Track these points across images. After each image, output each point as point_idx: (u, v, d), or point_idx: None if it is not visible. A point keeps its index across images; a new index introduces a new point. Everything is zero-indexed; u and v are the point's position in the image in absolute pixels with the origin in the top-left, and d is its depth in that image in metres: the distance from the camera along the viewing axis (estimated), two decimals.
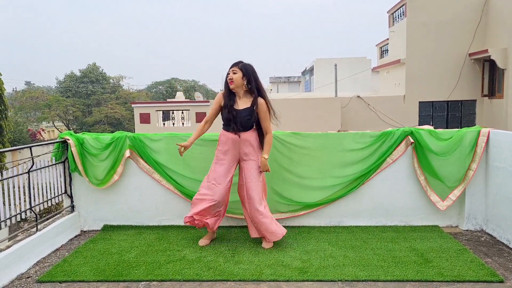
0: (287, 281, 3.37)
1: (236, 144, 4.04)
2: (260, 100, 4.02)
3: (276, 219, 4.60)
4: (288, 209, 4.63)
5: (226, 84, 4.06)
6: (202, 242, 4.20)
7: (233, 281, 3.40)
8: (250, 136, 4.06)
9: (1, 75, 18.16)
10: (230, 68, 4.04)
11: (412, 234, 4.36)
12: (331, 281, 3.36)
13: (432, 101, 17.75)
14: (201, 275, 3.49)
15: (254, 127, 4.11)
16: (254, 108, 4.01)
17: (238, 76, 3.98)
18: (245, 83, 4.00)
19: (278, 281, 3.37)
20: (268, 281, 3.38)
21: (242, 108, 4.01)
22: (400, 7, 18.81)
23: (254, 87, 4.01)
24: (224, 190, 4.04)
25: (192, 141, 4.17)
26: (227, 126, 4.07)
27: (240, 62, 4.05)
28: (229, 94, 4.06)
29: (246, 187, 4.06)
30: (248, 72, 4.01)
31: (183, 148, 4.10)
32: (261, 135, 4.15)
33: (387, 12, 20.72)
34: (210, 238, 4.25)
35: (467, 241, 4.17)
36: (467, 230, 4.49)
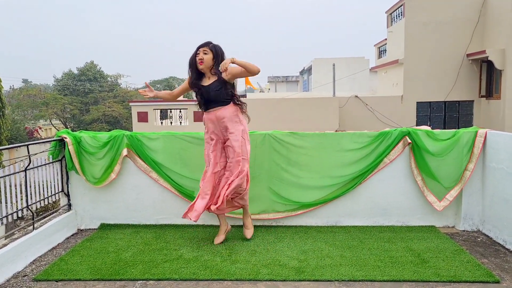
0: (284, 280, 3.37)
1: (216, 123, 4.03)
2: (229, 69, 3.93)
3: (273, 218, 4.63)
4: (285, 209, 4.63)
5: (194, 64, 3.98)
6: (218, 239, 4.21)
7: (230, 280, 3.40)
8: (227, 111, 4.00)
9: None
10: (200, 47, 3.96)
11: (409, 234, 4.37)
12: (328, 281, 3.37)
13: (430, 102, 17.78)
14: (198, 274, 3.49)
15: (230, 103, 4.03)
16: (222, 77, 3.95)
17: (208, 57, 3.94)
18: (214, 65, 3.96)
19: (275, 280, 3.37)
20: (265, 280, 3.38)
21: (210, 83, 3.99)
22: (399, 7, 18.82)
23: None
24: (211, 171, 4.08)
25: (157, 92, 4.27)
26: (204, 107, 4.08)
27: (210, 42, 4.00)
28: (196, 75, 4.02)
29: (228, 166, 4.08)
30: (218, 53, 3.97)
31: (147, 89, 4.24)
32: (239, 110, 4.09)
33: (386, 12, 20.74)
34: (224, 232, 4.26)
35: (464, 242, 4.18)
36: (464, 231, 4.50)
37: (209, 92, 3.97)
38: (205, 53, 3.94)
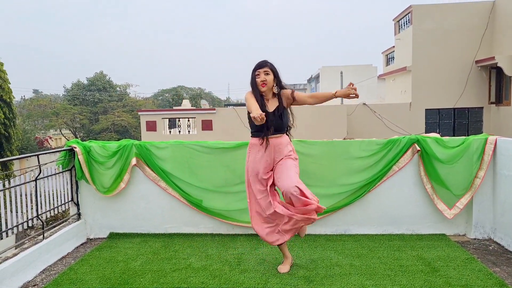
0: None
1: (270, 150, 3.61)
2: (282, 92, 3.67)
3: None
4: None
5: (255, 86, 3.60)
6: (283, 268, 3.74)
7: None
8: (283, 139, 3.68)
9: (10, 83, 18.36)
10: (260, 68, 3.58)
11: (419, 242, 4.32)
12: None
13: (439, 109, 17.70)
14: (207, 283, 3.48)
15: (285, 130, 3.72)
16: (282, 103, 3.63)
17: (270, 77, 3.59)
18: (275, 85, 3.64)
19: None
20: None
21: (275, 109, 3.62)
22: (406, 14, 18.83)
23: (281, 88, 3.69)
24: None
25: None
26: (259, 133, 3.63)
27: (267, 61, 3.63)
28: (258, 98, 3.57)
29: (278, 177, 3.60)
30: (277, 73, 3.66)
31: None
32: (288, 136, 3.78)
33: (393, 19, 20.75)
34: (288, 263, 3.78)
35: (475, 250, 4.13)
36: (475, 239, 4.45)
37: (272, 119, 3.57)
38: (267, 74, 3.58)
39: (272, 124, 3.58)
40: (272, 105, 3.64)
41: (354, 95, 3.53)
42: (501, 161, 4.24)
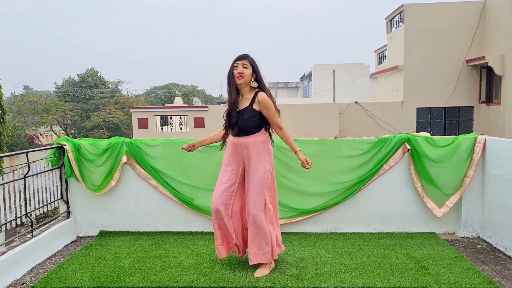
0: None
1: (238, 148, 3.61)
2: (260, 96, 3.51)
3: None
4: (284, 216, 4.62)
5: (231, 79, 3.51)
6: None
7: None
8: (253, 140, 3.56)
9: (0, 79, 18.16)
10: (238, 60, 3.50)
11: (408, 241, 4.35)
12: None
13: (430, 107, 17.81)
14: (197, 282, 3.47)
15: (261, 130, 3.61)
16: (253, 106, 3.51)
17: (248, 71, 3.49)
18: (253, 80, 3.55)
19: None
20: None
21: (243, 108, 3.54)
22: (398, 13, 18.89)
23: (261, 85, 3.58)
24: (218, 196, 3.60)
25: (202, 141, 3.92)
26: (229, 128, 3.66)
27: (248, 55, 3.55)
28: (233, 91, 3.53)
29: (246, 201, 3.64)
30: (257, 68, 3.56)
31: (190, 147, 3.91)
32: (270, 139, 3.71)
33: (385, 18, 20.81)
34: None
35: (464, 248, 4.17)
36: (464, 237, 4.49)
37: (239, 119, 3.54)
38: (245, 67, 3.49)
39: (236, 124, 3.56)
40: (243, 104, 3.56)
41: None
42: (490, 160, 4.28)
